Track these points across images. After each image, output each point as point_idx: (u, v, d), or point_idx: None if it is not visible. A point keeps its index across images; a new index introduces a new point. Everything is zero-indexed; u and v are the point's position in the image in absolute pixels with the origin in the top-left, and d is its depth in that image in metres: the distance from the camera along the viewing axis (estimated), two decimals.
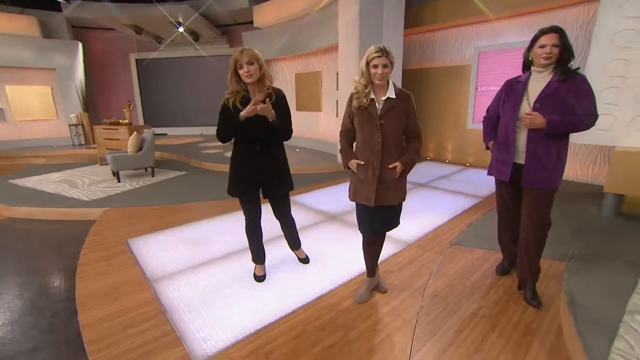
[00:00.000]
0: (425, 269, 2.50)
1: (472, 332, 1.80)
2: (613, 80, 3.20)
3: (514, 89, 2.01)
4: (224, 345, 1.72)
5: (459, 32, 6.16)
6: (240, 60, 1.97)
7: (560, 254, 2.48)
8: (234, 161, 2.19)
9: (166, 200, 4.19)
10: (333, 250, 2.81)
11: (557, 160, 1.89)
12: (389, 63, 1.76)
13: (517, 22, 5.36)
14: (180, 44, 10.18)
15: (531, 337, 1.76)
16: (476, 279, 2.34)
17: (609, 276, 2.14)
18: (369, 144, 1.86)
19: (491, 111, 2.23)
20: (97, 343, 1.73)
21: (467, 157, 6.42)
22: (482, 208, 3.85)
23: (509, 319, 1.91)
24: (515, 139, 1.96)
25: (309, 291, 2.22)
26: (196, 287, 2.27)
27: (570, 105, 1.80)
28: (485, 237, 2.92)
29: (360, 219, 2.03)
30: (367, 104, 1.83)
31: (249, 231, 2.35)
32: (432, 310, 2.00)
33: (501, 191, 2.23)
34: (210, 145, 8.46)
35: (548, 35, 1.82)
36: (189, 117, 11.08)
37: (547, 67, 1.87)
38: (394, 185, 1.87)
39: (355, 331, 1.84)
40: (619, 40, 3.17)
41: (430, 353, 1.66)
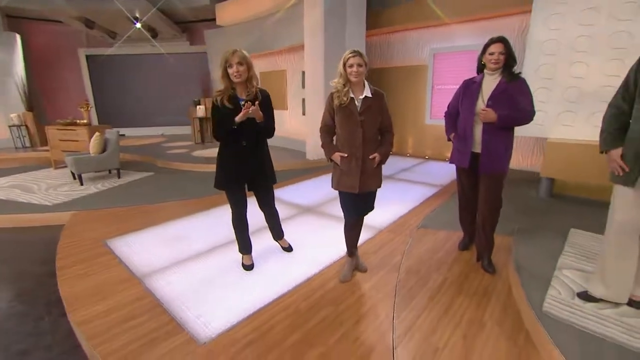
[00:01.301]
0: (398, 250, 2.80)
1: (442, 297, 2.11)
2: (543, 81, 3.75)
3: (470, 88, 2.34)
4: (226, 327, 1.85)
5: (416, 35, 6.62)
6: (230, 60, 2.08)
7: (508, 230, 2.90)
8: (222, 157, 2.30)
9: (137, 201, 4.10)
10: (313, 239, 3.01)
11: (506, 149, 2.26)
12: (363, 63, 1.98)
13: (467, 27, 5.92)
14: (137, 40, 9.69)
15: (489, 296, 2.11)
16: (442, 255, 2.68)
17: (544, 244, 2.58)
18: (351, 138, 2.08)
19: (451, 107, 2.55)
20: (98, 337, 1.76)
21: (426, 150, 6.95)
22: (442, 195, 4.28)
23: (470, 284, 2.25)
24: (472, 132, 2.29)
25: (296, 276, 2.39)
26: (187, 280, 2.35)
27: (515, 103, 2.16)
28: (447, 220, 3.29)
29: (344, 206, 2.26)
30: (347, 102, 2.04)
31: (235, 223, 2.46)
32: (407, 283, 2.28)
33: (461, 177, 2.57)
34: (175, 145, 8.22)
35: (495, 45, 2.17)
36: (147, 116, 10.59)
37: (496, 71, 2.22)
38: (373, 174, 2.13)
39: (343, 305, 2.06)
40: (546, 48, 3.72)
41: (409, 316, 1.93)
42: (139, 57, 10.15)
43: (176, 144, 8.34)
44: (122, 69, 10.23)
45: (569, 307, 1.77)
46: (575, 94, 3.59)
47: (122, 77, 10.29)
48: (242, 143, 2.24)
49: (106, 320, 1.91)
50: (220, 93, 2.20)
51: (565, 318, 1.69)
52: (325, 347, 1.71)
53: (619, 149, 1.62)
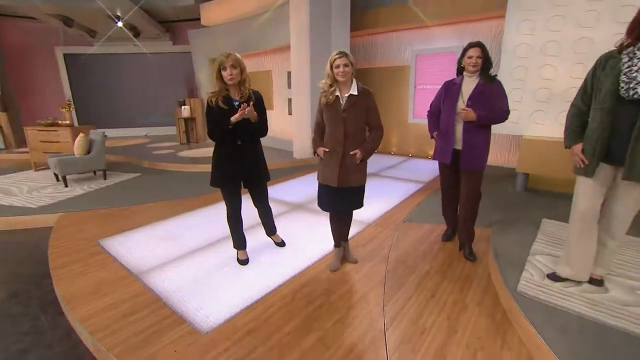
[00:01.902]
0: (385, 242, 2.95)
1: (428, 284, 2.27)
2: (517, 82, 4.01)
3: (451, 89, 2.52)
4: (226, 317, 1.94)
5: (399, 36, 6.84)
6: (224, 63, 2.17)
7: (487, 222, 3.11)
8: (218, 156, 2.38)
9: (126, 201, 4.09)
10: (304, 234, 3.12)
11: (484, 145, 2.45)
12: (349, 63, 2.09)
13: (447, 29, 6.18)
14: (118, 39, 9.49)
15: (470, 281, 2.29)
16: (427, 246, 2.85)
17: (519, 233, 2.79)
18: (334, 134, 2.20)
19: (434, 107, 2.71)
20: (101, 332, 1.82)
21: (409, 148, 7.18)
22: (425, 191, 4.48)
23: (453, 271, 2.43)
24: (454, 130, 2.46)
25: (290, 269, 2.50)
26: (184, 276, 2.41)
27: (492, 103, 2.34)
28: (431, 214, 3.48)
29: (320, 198, 2.38)
30: (332, 100, 2.17)
31: (230, 219, 2.55)
32: (396, 272, 2.44)
33: (443, 172, 2.74)
34: (160, 146, 8.13)
35: (473, 49, 2.34)
36: (130, 117, 10.38)
37: (474, 73, 2.40)
38: (354, 169, 2.22)
39: (337, 294, 2.19)
40: (518, 52, 3.98)
41: (399, 302, 2.08)
42: (121, 57, 9.95)
43: (161, 145, 8.25)
44: (103, 68, 9.98)
45: (539, 287, 1.96)
46: (545, 94, 3.87)
47: (103, 77, 10.04)
48: (237, 142, 2.32)
49: (108, 315, 1.96)
50: (214, 94, 2.28)
51: (537, 296, 1.88)
52: (322, 331, 1.83)
53: (579, 144, 1.83)
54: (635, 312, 1.72)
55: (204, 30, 8.18)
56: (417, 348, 1.69)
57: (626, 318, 1.68)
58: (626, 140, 1.63)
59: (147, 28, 9.14)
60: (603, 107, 1.69)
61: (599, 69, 1.74)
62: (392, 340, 1.74)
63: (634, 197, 1.73)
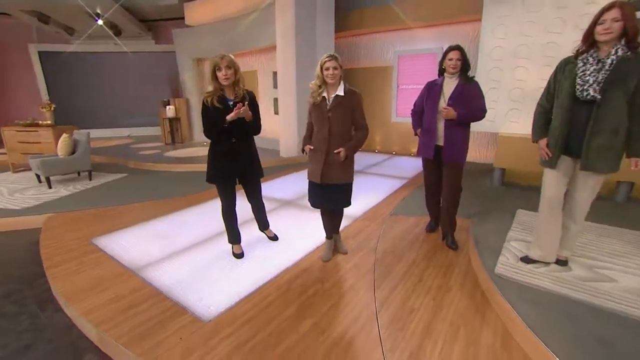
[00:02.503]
0: (373, 234, 3.11)
1: (414, 271, 2.44)
2: (493, 83, 4.26)
3: (433, 90, 2.69)
4: (227, 307, 2.04)
5: (382, 37, 7.05)
6: (219, 64, 2.26)
7: (467, 214, 3.32)
8: (214, 154, 2.46)
9: (115, 201, 4.08)
10: (295, 229, 3.24)
11: (464, 142, 2.64)
12: (338, 66, 2.21)
13: (428, 31, 6.42)
14: (98, 37, 9.25)
15: (452, 267, 2.48)
16: (412, 237, 3.03)
17: (496, 223, 3.02)
18: (320, 133, 2.33)
19: (417, 106, 2.88)
20: (107, 324, 1.88)
21: (392, 146, 7.41)
22: (409, 186, 4.69)
23: (437, 259, 2.61)
24: (436, 127, 2.64)
25: (284, 261, 2.61)
26: (182, 270, 2.48)
27: (471, 103, 2.53)
28: (415, 207, 3.68)
29: (309, 194, 2.51)
30: (319, 101, 2.30)
31: (225, 215, 2.63)
32: (384, 261, 2.59)
33: (427, 167, 2.92)
34: (145, 146, 8.03)
35: (453, 52, 2.52)
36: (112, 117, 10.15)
37: (454, 74, 2.58)
38: (338, 167, 2.32)
39: (329, 282, 2.32)
40: (494, 54, 4.23)
41: (388, 287, 2.24)
42: (101, 56, 9.70)
43: (146, 145, 8.14)
44: (82, 67, 9.70)
45: (514, 269, 2.17)
46: (519, 94, 4.13)
47: (83, 76, 9.76)
48: (232, 140, 2.42)
49: (111, 308, 2.02)
50: (210, 94, 2.37)
51: (511, 277, 2.08)
52: (317, 317, 1.96)
53: (544, 139, 2.04)
54: (593, 286, 1.95)
55: (189, 30, 8.12)
56: (406, 326, 1.84)
57: (586, 291, 1.90)
58: (582, 135, 1.85)
59: (128, 27, 8.98)
60: (563, 106, 1.91)
61: (559, 72, 1.96)
62: (383, 320, 1.90)
63: (591, 185, 1.96)
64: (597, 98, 1.78)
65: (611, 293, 1.88)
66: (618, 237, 2.66)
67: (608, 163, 1.84)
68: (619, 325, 1.66)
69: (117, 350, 1.75)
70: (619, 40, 1.73)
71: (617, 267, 2.18)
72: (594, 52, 1.81)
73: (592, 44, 1.82)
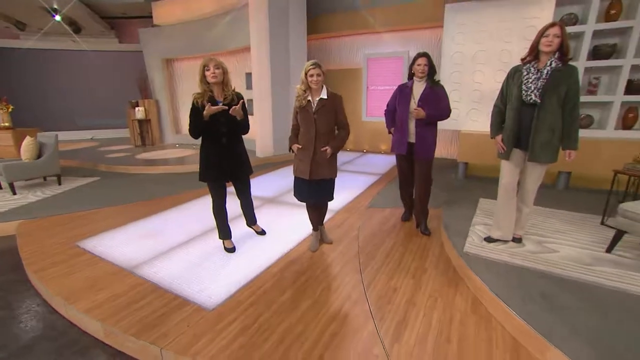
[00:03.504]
0: (354, 225, 3.37)
1: (394, 255, 2.72)
2: (455, 85, 4.70)
3: (404, 92, 2.99)
4: (228, 295, 2.18)
5: (351, 40, 7.36)
6: (208, 64, 2.39)
7: (437, 204, 3.68)
8: (206, 154, 2.57)
9: (92, 205, 4.00)
10: (281, 223, 3.41)
11: (433, 138, 2.96)
12: (321, 72, 2.43)
13: (394, 35, 6.83)
14: (56, 34, 8.70)
15: (427, 250, 2.79)
16: (389, 225, 3.33)
17: (462, 211, 3.39)
18: (307, 133, 2.53)
19: (390, 106, 3.17)
20: (112, 317, 1.95)
21: (364, 144, 7.77)
22: (383, 181, 5.02)
23: (413, 244, 2.92)
24: (408, 126, 2.94)
25: (274, 253, 2.78)
26: (177, 266, 2.57)
27: (438, 104, 2.85)
28: (390, 200, 3.99)
29: (296, 189, 2.70)
30: (305, 104, 2.50)
31: (216, 211, 2.75)
32: (366, 248, 2.85)
33: (400, 162, 3.22)
34: (114, 149, 7.73)
35: (421, 58, 2.83)
36: (71, 119, 9.58)
37: (422, 78, 2.89)
38: (324, 164, 2.54)
39: (319, 269, 2.54)
40: (455, 59, 4.67)
41: (373, 269, 2.49)
42: (59, 54, 9.12)
43: (114, 148, 7.84)
44: (37, 65, 9.06)
45: (479, 248, 2.51)
46: (478, 95, 4.60)
47: (38, 75, 9.12)
48: (223, 140, 2.55)
49: (114, 304, 2.09)
50: (199, 95, 2.48)
51: (477, 254, 2.42)
52: (313, 298, 2.16)
53: (500, 135, 2.41)
54: (541, 257, 2.35)
55: (157, 29, 7.92)
56: (392, 301, 2.10)
57: (535, 261, 2.29)
58: (529, 132, 2.23)
59: (89, 24, 8.56)
60: (513, 108, 2.28)
61: (510, 78, 2.33)
62: (372, 297, 2.14)
63: (537, 173, 2.35)
64: (537, 102, 2.16)
65: (554, 261, 2.28)
66: (559, 217, 3.13)
67: (548, 155, 2.24)
68: (558, 284, 2.04)
69: (126, 341, 1.83)
70: (553, 54, 2.11)
71: (559, 241, 2.60)
72: (534, 63, 2.19)
73: (536, 54, 2.19)
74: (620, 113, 4.02)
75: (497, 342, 1.75)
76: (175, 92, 8.40)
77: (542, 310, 1.81)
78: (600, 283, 2.03)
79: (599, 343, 1.57)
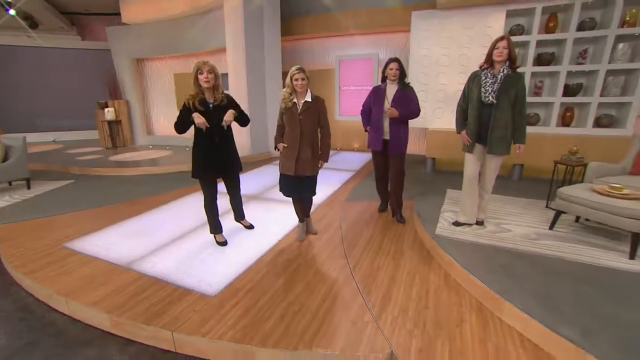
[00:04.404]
0: (335, 217, 3.64)
1: (374, 241, 3.01)
2: (422, 86, 5.12)
3: (379, 93, 3.29)
4: (226, 283, 2.35)
5: (323, 42, 7.63)
6: (202, 69, 2.53)
7: (409, 195, 4.04)
8: (198, 152, 2.72)
9: (70, 208, 3.94)
10: (267, 218, 3.60)
11: (405, 135, 3.29)
12: (305, 77, 2.67)
13: (365, 38, 7.17)
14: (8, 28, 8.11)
15: (403, 236, 3.11)
16: (367, 216, 3.63)
17: (433, 200, 3.77)
18: (292, 133, 2.75)
19: (366, 106, 3.46)
20: (119, 309, 2.06)
21: (337, 143, 8.06)
22: (358, 177, 5.34)
23: (391, 231, 3.23)
24: (382, 124, 3.25)
25: (264, 244, 2.97)
26: (172, 261, 2.69)
27: (408, 104, 3.18)
28: (366, 194, 4.31)
29: (282, 185, 2.91)
30: (291, 106, 2.72)
31: (208, 207, 2.90)
32: (349, 236, 3.13)
33: (376, 158, 3.53)
34: (83, 151, 7.43)
35: (393, 63, 3.14)
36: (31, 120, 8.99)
37: (394, 81, 3.21)
38: (308, 162, 2.77)
39: (308, 256, 2.77)
40: (422, 62, 5.09)
41: (357, 254, 2.76)
42: (14, 50, 8.49)
43: (82, 150, 7.53)
44: None
45: (448, 231, 2.87)
46: (442, 95, 5.04)
47: None
48: (215, 140, 2.70)
49: (117, 297, 2.19)
50: (192, 97, 2.62)
51: (447, 236, 2.78)
52: (306, 281, 2.39)
53: (464, 131, 2.78)
54: (499, 236, 2.75)
55: (126, 28, 7.69)
56: (376, 279, 2.39)
57: (495, 240, 2.69)
58: (487, 129, 2.62)
59: (47, 19, 8.11)
60: (474, 107, 2.65)
61: (470, 82, 2.70)
62: (358, 277, 2.41)
63: (494, 164, 2.76)
64: (494, 102, 2.54)
65: (509, 238, 2.69)
66: (514, 203, 3.60)
67: (503, 148, 2.64)
68: (512, 256, 2.44)
69: (136, 329, 1.96)
70: (505, 63, 2.50)
71: (513, 223, 3.03)
72: (490, 70, 2.57)
73: (491, 62, 2.57)
74: (560, 112, 4.63)
75: (465, 305, 2.09)
76: (146, 93, 8.22)
77: (500, 277, 2.18)
78: (544, 253, 2.45)
79: (542, 297, 1.94)
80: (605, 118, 4.49)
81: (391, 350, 1.71)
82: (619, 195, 2.44)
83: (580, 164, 3.42)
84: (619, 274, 2.20)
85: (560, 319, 1.75)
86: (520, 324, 1.84)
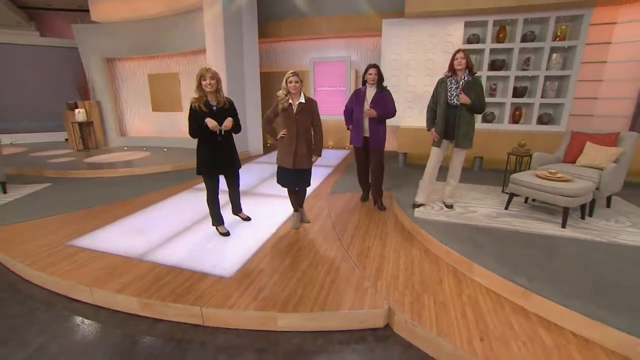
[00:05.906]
0: (324, 207, 4.02)
1: (361, 226, 3.43)
2: (394, 87, 5.62)
3: (359, 95, 3.70)
4: (238, 267, 2.64)
5: (299, 45, 7.95)
6: (205, 75, 2.78)
7: (387, 187, 4.51)
8: (202, 150, 2.97)
9: (64, 209, 3.96)
10: (261, 211, 3.89)
11: (383, 133, 3.74)
12: (298, 80, 3.01)
13: (338, 41, 7.59)
14: None
15: (385, 221, 3.57)
16: (352, 205, 4.05)
17: (408, 190, 4.28)
18: (289, 132, 3.09)
19: (348, 107, 3.87)
20: (145, 292, 2.28)
21: None
22: (338, 172, 5.76)
23: (374, 217, 3.67)
24: (363, 123, 3.67)
25: (264, 233, 3.28)
26: (182, 251, 2.90)
27: (385, 105, 3.62)
28: (348, 187, 4.73)
29: (280, 177, 3.23)
30: (287, 106, 3.06)
31: (211, 201, 3.16)
32: (339, 223, 3.52)
33: (358, 153, 3.94)
34: (52, 154, 7.14)
35: (372, 69, 3.57)
36: None
37: (373, 85, 3.64)
38: (304, 156, 3.12)
39: (306, 241, 3.12)
40: (392, 65, 5.60)
41: (348, 237, 3.16)
42: None
43: (51, 153, 7.23)
44: None
45: (425, 214, 3.37)
46: (411, 96, 5.59)
47: None
48: (219, 138, 2.96)
49: (140, 284, 2.40)
50: (196, 100, 2.86)
51: (424, 218, 3.27)
52: (309, 260, 2.75)
53: (434, 128, 3.29)
54: (467, 216, 3.29)
55: (96, 26, 7.45)
56: (369, 256, 2.80)
57: (464, 219, 3.22)
58: (454, 126, 3.14)
59: (3, 13, 7.64)
60: (442, 108, 3.17)
61: (438, 87, 3.22)
62: (353, 255, 2.81)
63: (461, 156, 3.31)
64: (458, 104, 3.06)
65: (475, 217, 3.23)
66: (476, 190, 4.21)
67: (467, 143, 3.18)
68: (478, 231, 2.97)
69: (165, 308, 2.20)
70: (464, 71, 3.03)
71: (476, 205, 3.60)
72: (453, 77, 3.09)
73: (454, 71, 3.08)
74: (510, 111, 5.36)
75: (443, 269, 2.57)
76: (119, 93, 8.03)
77: (469, 247, 2.68)
78: (501, 227, 3.01)
79: (500, 259, 2.46)
80: (546, 116, 5.29)
81: (389, 306, 2.12)
82: (554, 178, 3.06)
83: (527, 154, 4.08)
84: (554, 239, 2.81)
85: (513, 273, 2.27)
86: (485, 279, 2.34)
